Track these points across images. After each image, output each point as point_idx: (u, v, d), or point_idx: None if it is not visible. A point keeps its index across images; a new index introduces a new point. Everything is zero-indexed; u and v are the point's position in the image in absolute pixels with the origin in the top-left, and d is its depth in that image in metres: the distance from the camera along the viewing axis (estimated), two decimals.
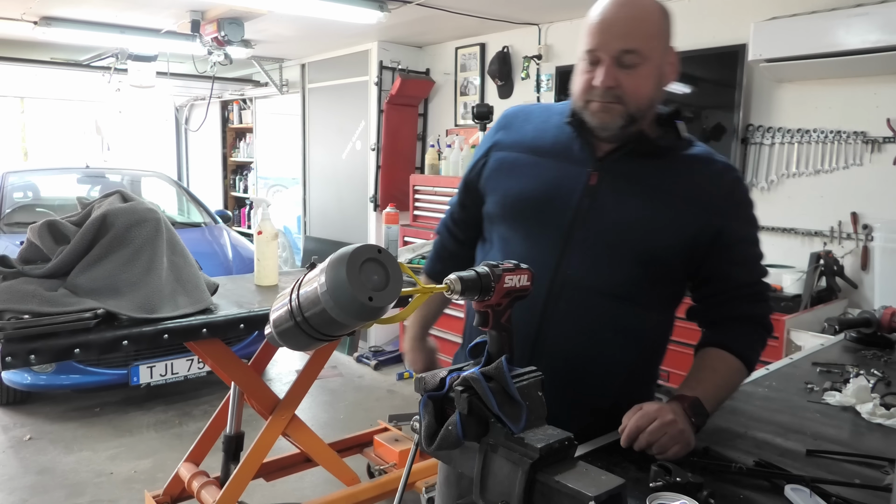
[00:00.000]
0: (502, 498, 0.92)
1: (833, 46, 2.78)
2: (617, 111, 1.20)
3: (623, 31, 1.18)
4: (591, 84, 1.21)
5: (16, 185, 5.17)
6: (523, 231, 1.30)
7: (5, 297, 1.79)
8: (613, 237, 1.24)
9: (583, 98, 1.24)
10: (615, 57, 1.18)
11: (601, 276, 1.25)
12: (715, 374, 1.27)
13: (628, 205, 1.24)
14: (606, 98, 1.20)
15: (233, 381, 2.30)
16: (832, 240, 3.05)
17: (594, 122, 1.23)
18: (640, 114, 1.22)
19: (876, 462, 1.16)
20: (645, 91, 1.21)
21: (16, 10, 4.08)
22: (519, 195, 1.31)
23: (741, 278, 1.29)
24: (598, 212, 1.24)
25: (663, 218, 1.23)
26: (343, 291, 0.79)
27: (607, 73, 1.18)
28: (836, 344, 1.99)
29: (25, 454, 3.43)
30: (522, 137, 1.35)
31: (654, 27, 1.21)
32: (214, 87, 5.99)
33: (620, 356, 1.28)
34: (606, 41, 1.19)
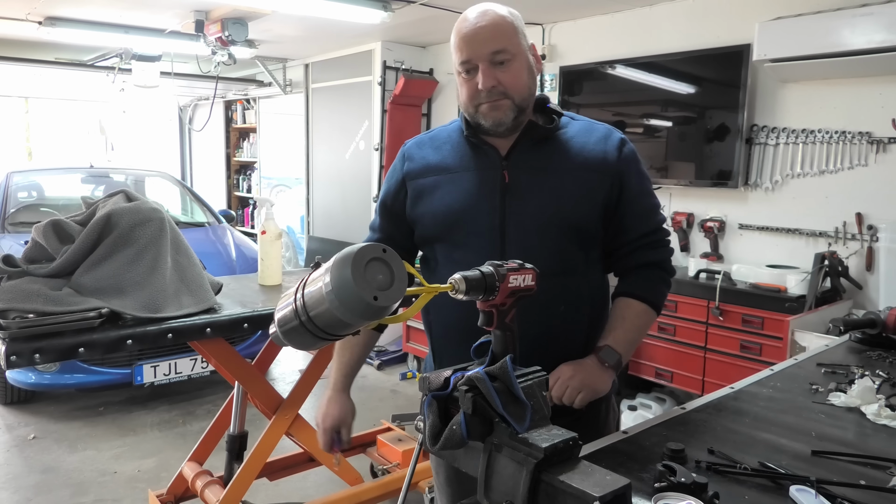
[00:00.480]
0: (506, 498, 0.91)
1: (838, 46, 2.77)
2: (506, 105, 1.34)
3: (488, 37, 1.32)
4: (476, 90, 1.34)
5: (20, 185, 5.19)
6: (461, 242, 1.41)
7: (10, 296, 1.79)
8: (539, 222, 1.37)
9: (472, 105, 1.37)
10: (488, 60, 1.32)
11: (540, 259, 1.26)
12: (624, 322, 1.43)
13: (542, 189, 1.38)
14: (493, 97, 1.33)
15: (236, 380, 2.31)
16: (837, 240, 3.04)
17: (489, 122, 1.36)
18: (525, 103, 1.37)
19: (881, 463, 1.16)
20: (523, 81, 1.35)
21: (20, 10, 4.10)
22: (447, 212, 1.41)
23: (640, 229, 1.46)
24: (519, 204, 1.37)
25: (575, 191, 1.38)
26: (348, 291, 0.79)
27: (486, 74, 1.32)
28: (841, 345, 1.98)
29: (30, 453, 3.44)
30: (428, 163, 1.46)
31: (511, 27, 1.35)
32: (218, 87, 6.00)
33: (575, 323, 1.42)
34: (477, 49, 1.32)
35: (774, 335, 2.86)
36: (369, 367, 4.91)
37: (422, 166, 1.47)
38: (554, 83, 4.25)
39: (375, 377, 4.72)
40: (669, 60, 3.57)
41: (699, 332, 3.16)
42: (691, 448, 1.16)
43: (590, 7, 3.87)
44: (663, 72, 3.62)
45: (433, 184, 1.44)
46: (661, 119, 3.70)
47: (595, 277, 1.47)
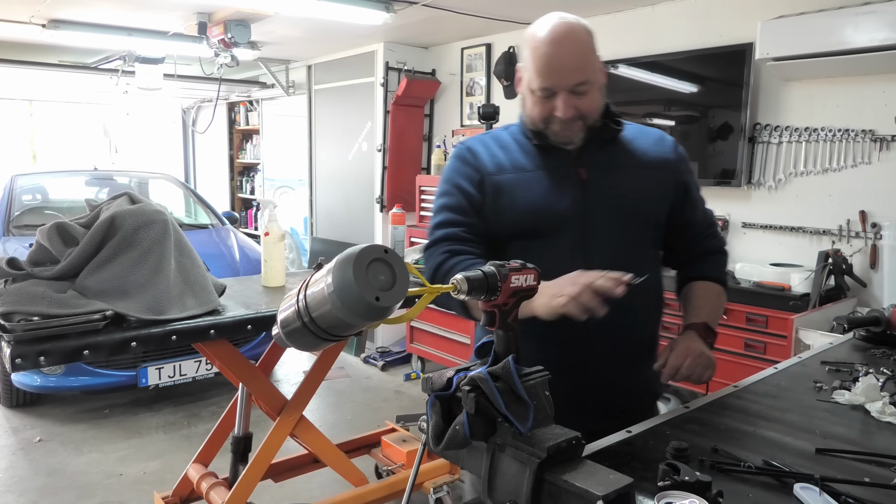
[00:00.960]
0: (510, 497, 0.92)
1: (841, 45, 2.77)
2: (578, 126, 1.39)
3: (572, 68, 1.34)
4: (551, 113, 1.37)
5: (24, 188, 5.21)
6: (543, 239, 1.42)
7: (15, 299, 1.80)
8: (620, 216, 1.42)
9: (542, 123, 1.41)
10: (569, 90, 1.34)
11: (620, 253, 1.41)
12: (708, 301, 1.54)
13: (619, 185, 1.43)
14: (568, 121, 1.37)
15: (240, 382, 2.31)
16: (841, 238, 3.04)
17: (558, 139, 1.41)
18: (595, 123, 1.42)
19: (886, 460, 1.15)
20: (597, 104, 1.40)
21: (24, 13, 4.11)
22: (530, 209, 1.42)
23: (704, 221, 1.59)
24: (599, 199, 1.42)
25: (648, 187, 1.45)
26: (350, 291, 0.79)
27: (566, 104, 1.35)
28: (846, 343, 1.97)
29: (35, 456, 3.46)
30: (500, 161, 1.47)
31: (592, 52, 1.37)
32: (221, 88, 6.01)
33: (647, 317, 1.51)
34: (560, 80, 1.34)
35: (778, 333, 2.86)
36: (373, 367, 4.92)
37: (495, 164, 1.47)
38: None
39: (379, 378, 4.73)
40: (672, 60, 3.57)
41: None
42: (695, 447, 1.16)
43: (592, 7, 3.87)
44: (666, 71, 3.62)
45: (510, 181, 1.45)
46: (664, 118, 3.70)
47: (658, 273, 1.54)
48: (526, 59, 1.39)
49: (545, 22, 1.38)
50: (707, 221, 1.60)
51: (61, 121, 9.23)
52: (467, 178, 1.48)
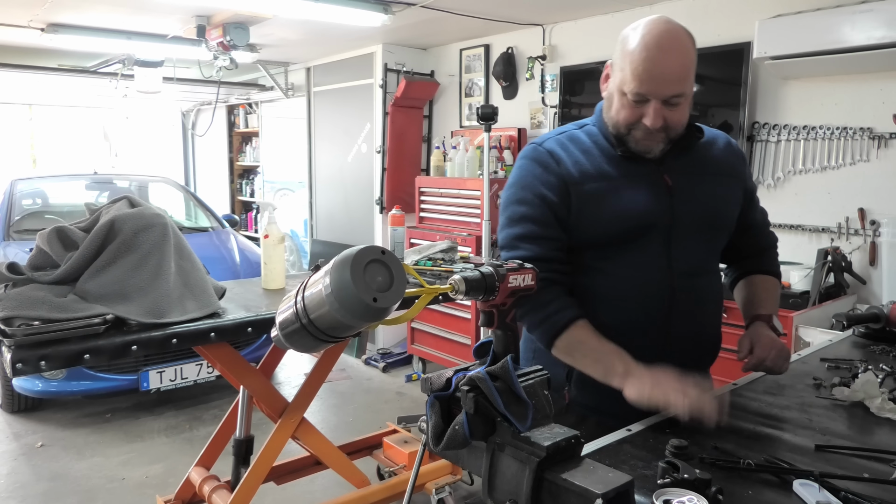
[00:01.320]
0: (510, 496, 0.92)
1: (838, 43, 2.77)
2: (661, 138, 1.36)
3: (674, 79, 1.29)
4: (638, 119, 1.33)
5: (24, 193, 5.21)
6: (632, 246, 1.41)
7: (15, 303, 1.80)
8: (703, 223, 1.44)
9: (626, 128, 1.36)
10: (664, 100, 1.30)
11: (702, 260, 1.48)
12: (769, 293, 1.59)
13: (702, 192, 1.44)
14: (654, 131, 1.33)
15: (241, 385, 2.31)
16: (840, 236, 3.04)
17: (638, 148, 1.38)
18: (678, 137, 1.39)
19: (885, 456, 1.16)
20: (684, 119, 1.37)
21: (23, 17, 4.12)
22: (622, 217, 1.38)
23: (760, 221, 1.64)
24: (685, 205, 1.42)
25: (723, 194, 1.47)
26: (348, 293, 0.80)
27: (656, 115, 1.30)
28: (845, 340, 1.98)
29: (37, 461, 3.46)
30: (584, 168, 1.41)
31: (693, 64, 1.33)
32: (221, 91, 6.02)
33: (718, 319, 1.56)
34: (657, 89, 1.29)
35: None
36: (374, 369, 4.92)
37: (579, 172, 1.40)
38: (554, 83, 4.25)
39: (381, 379, 4.73)
40: None
41: None
42: (695, 444, 1.16)
43: (590, 7, 3.87)
44: None
45: (597, 190, 1.39)
46: None
47: (720, 275, 1.59)
48: (622, 60, 1.31)
49: (652, 25, 1.30)
50: (765, 220, 1.65)
51: (61, 124, 9.24)
52: (550, 186, 1.40)
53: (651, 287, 1.41)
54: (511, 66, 4.54)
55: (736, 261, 1.66)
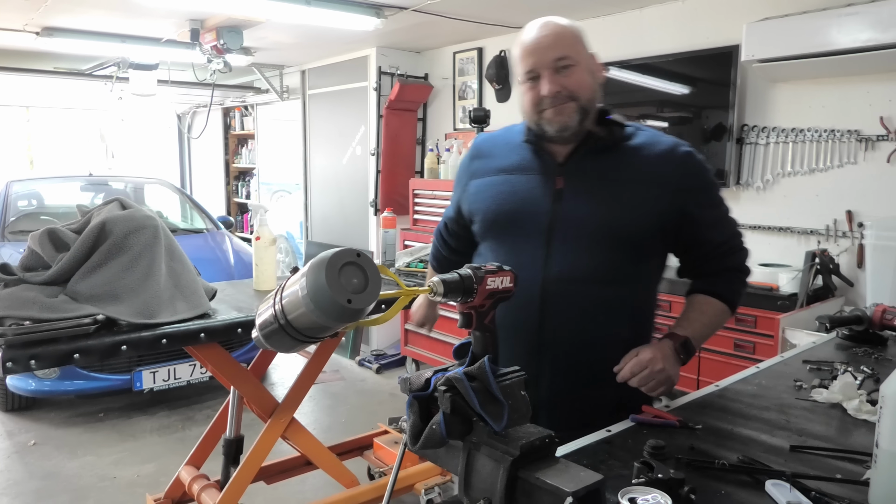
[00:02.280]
0: (485, 495, 0.94)
1: (825, 46, 2.80)
2: (571, 108, 1.37)
3: (551, 44, 1.37)
4: (540, 96, 1.37)
5: (20, 194, 5.23)
6: (509, 242, 1.44)
7: (6, 303, 1.82)
8: (586, 230, 1.39)
9: (536, 112, 1.40)
10: (552, 67, 1.36)
11: (584, 268, 1.39)
12: (703, 316, 1.47)
13: (595, 198, 1.39)
14: (558, 101, 1.36)
15: (232, 385, 2.33)
16: (828, 238, 3.06)
17: (554, 128, 1.39)
18: (589, 105, 1.40)
19: (859, 457, 1.17)
20: (587, 84, 1.39)
21: (18, 21, 4.14)
22: (498, 211, 1.45)
23: (716, 239, 1.47)
24: (569, 211, 1.39)
25: (627, 203, 1.38)
26: (322, 294, 0.81)
27: (550, 80, 1.36)
28: (830, 342, 1.99)
29: (30, 459, 3.47)
30: (492, 162, 1.51)
31: (573, 37, 1.39)
32: (217, 94, 6.03)
33: (615, 335, 1.42)
34: (540, 58, 1.36)
35: (767, 333, 2.88)
36: (368, 370, 4.93)
37: (486, 163, 1.52)
38: None
39: (374, 381, 4.75)
40: (661, 62, 3.60)
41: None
42: (672, 445, 1.18)
43: (580, 10, 3.90)
44: (656, 73, 3.64)
45: (490, 183, 1.49)
46: (658, 119, 3.72)
47: (643, 291, 1.49)
48: (515, 58, 1.42)
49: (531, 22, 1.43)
50: (723, 238, 1.48)
51: (58, 126, 9.25)
52: (461, 177, 1.58)
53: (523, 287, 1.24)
54: (504, 68, 4.56)
55: (691, 278, 1.55)
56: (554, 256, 1.38)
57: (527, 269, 1.34)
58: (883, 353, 1.83)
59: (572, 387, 1.41)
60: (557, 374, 1.41)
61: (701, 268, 1.51)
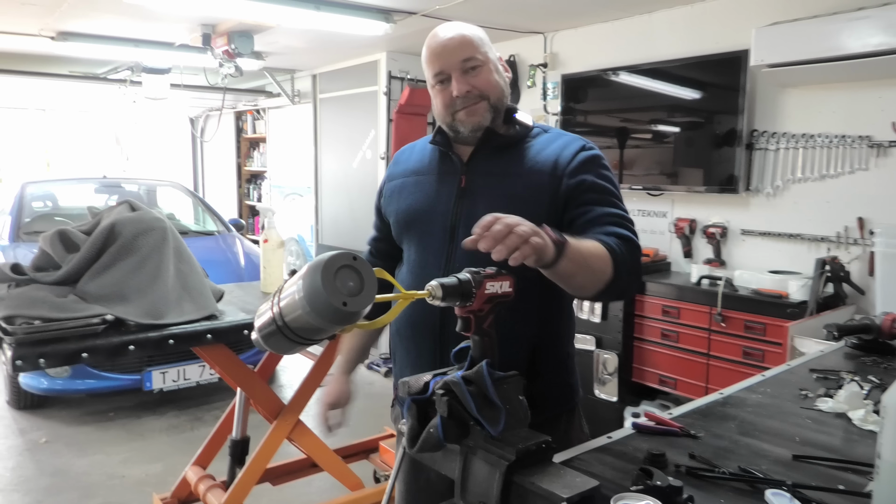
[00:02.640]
0: (480, 499, 0.94)
1: (835, 50, 2.77)
2: (483, 107, 1.41)
3: (457, 46, 1.40)
4: (451, 98, 1.40)
5: (35, 195, 5.29)
6: (416, 239, 1.48)
7: (17, 303, 1.85)
8: None
9: (448, 113, 1.43)
10: (460, 68, 1.39)
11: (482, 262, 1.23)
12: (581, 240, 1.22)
13: (493, 193, 1.41)
14: (469, 101, 1.40)
15: (238, 386, 2.35)
16: (839, 245, 3.03)
17: (467, 128, 1.42)
18: (500, 104, 1.43)
19: (862, 468, 1.16)
20: (495, 83, 1.42)
21: (34, 25, 4.20)
22: (407, 210, 1.50)
23: (598, 211, 1.33)
24: (471, 208, 1.40)
25: (520, 192, 1.38)
26: (318, 297, 0.82)
27: (459, 81, 1.39)
28: (838, 350, 1.97)
29: (41, 457, 3.51)
30: (407, 166, 1.56)
31: (477, 39, 1.43)
32: (228, 98, 6.09)
33: (520, 332, 1.35)
34: (447, 60, 1.40)
35: (776, 341, 2.86)
36: (376, 374, 4.94)
37: (399, 169, 1.58)
38: (556, 91, 4.27)
39: (382, 384, 4.75)
40: (671, 67, 3.58)
41: (702, 338, 3.16)
42: (673, 453, 1.18)
43: (590, 15, 3.89)
44: (666, 78, 3.63)
45: (401, 185, 1.54)
46: (668, 125, 3.72)
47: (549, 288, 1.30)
48: (423, 62, 1.46)
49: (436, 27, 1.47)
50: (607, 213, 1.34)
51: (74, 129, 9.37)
52: (380, 185, 1.64)
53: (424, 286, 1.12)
54: (513, 73, 4.57)
55: None
56: (456, 254, 1.40)
57: (431, 267, 1.41)
58: (891, 363, 1.80)
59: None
60: None
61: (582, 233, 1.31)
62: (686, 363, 3.24)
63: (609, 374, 3.49)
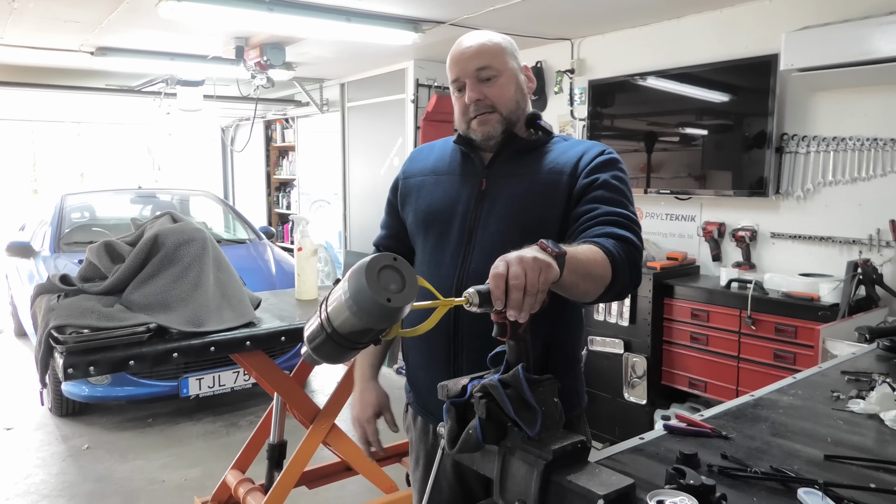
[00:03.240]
0: (519, 497, 0.98)
1: (867, 54, 2.76)
2: (494, 119, 1.44)
3: (473, 55, 1.43)
4: (466, 105, 1.44)
5: (73, 207, 5.45)
6: (433, 239, 1.49)
7: (66, 312, 1.93)
8: (503, 225, 1.41)
9: (464, 120, 1.47)
10: (475, 76, 1.42)
11: None
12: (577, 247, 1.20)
13: (511, 194, 1.43)
14: (481, 110, 1.43)
15: (275, 391, 2.41)
16: (871, 248, 3.01)
17: (479, 137, 1.45)
18: (513, 116, 1.45)
19: (895, 468, 1.18)
20: (509, 95, 1.44)
21: (74, 42, 4.34)
22: (427, 209, 1.51)
23: (603, 209, 1.32)
24: (489, 210, 1.43)
25: (537, 190, 1.41)
26: (364, 295, 0.87)
27: (472, 89, 1.43)
28: (870, 353, 1.97)
29: (84, 462, 3.61)
30: (426, 164, 1.58)
31: (497, 48, 1.45)
32: (259, 107, 6.20)
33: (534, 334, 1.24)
34: (463, 67, 1.44)
35: (808, 344, 2.84)
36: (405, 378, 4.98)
37: (417, 167, 1.59)
38: (583, 97, 4.29)
39: None
40: (700, 71, 3.59)
41: (732, 341, 3.15)
42: (705, 453, 1.20)
43: (617, 21, 3.91)
44: (695, 82, 3.64)
45: (420, 184, 1.56)
46: (697, 128, 3.71)
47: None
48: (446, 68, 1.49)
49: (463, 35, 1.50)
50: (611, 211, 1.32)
51: (107, 141, 9.61)
52: (396, 182, 1.63)
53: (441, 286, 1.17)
54: (540, 79, 4.60)
55: None
56: (473, 254, 1.41)
57: (446, 266, 1.43)
58: None
59: None
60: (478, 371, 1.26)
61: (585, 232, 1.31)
62: (716, 366, 3.24)
63: (638, 377, 3.49)
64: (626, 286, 1.29)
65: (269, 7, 3.33)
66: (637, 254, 1.31)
